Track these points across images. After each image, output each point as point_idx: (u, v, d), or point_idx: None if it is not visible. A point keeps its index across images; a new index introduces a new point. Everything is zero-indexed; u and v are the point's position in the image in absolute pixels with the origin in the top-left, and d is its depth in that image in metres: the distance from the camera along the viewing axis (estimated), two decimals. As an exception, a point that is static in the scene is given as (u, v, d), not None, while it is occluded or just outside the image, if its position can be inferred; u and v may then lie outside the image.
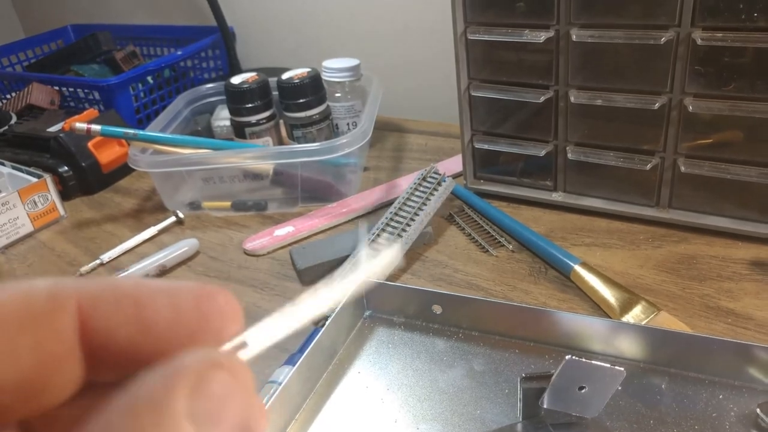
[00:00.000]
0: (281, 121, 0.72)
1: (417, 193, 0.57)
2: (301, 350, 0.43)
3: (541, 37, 0.51)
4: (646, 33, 0.47)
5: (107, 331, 0.11)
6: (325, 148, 0.59)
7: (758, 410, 0.35)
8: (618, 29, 0.48)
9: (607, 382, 0.34)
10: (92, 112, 0.76)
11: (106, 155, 0.73)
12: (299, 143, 0.68)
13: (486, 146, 0.60)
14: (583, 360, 0.33)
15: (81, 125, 0.63)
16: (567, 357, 0.33)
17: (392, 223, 0.54)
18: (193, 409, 0.10)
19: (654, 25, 0.47)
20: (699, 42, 0.45)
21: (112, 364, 0.11)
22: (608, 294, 0.45)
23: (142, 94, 0.86)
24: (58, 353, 0.10)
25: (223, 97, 0.72)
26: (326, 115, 0.70)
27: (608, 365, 0.33)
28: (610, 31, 0.49)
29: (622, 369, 0.34)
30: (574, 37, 0.50)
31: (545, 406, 0.35)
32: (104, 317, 0.11)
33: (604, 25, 0.49)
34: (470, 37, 0.54)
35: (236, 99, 0.68)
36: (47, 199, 0.67)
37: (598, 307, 0.46)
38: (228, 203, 0.65)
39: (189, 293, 0.12)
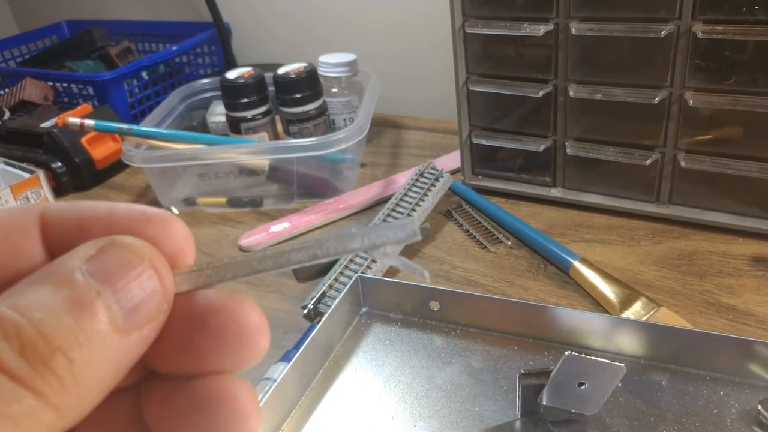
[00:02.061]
0: (277, 117, 0.72)
1: (414, 189, 0.56)
2: (297, 347, 0.42)
3: (540, 30, 0.51)
4: (647, 26, 0.47)
5: (58, 233, 0.14)
6: (321, 143, 0.59)
7: (759, 406, 0.35)
8: (618, 23, 0.48)
9: (607, 378, 0.34)
10: (86, 107, 0.76)
11: (100, 151, 0.73)
12: (295, 139, 0.68)
13: (484, 142, 0.59)
14: (583, 356, 0.33)
15: (74, 120, 0.62)
16: (566, 353, 0.33)
17: (389, 219, 0.53)
18: (86, 268, 0.12)
19: (654, 18, 0.47)
20: (699, 35, 0.45)
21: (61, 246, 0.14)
22: (608, 290, 0.45)
23: (136, 90, 0.85)
24: (23, 226, 0.14)
25: (219, 93, 0.72)
26: (323, 111, 0.69)
27: (608, 361, 0.33)
28: (609, 25, 0.48)
29: (623, 365, 0.33)
30: (573, 31, 0.49)
31: (544, 403, 0.35)
32: (58, 223, 0.14)
33: (603, 18, 0.48)
34: (468, 30, 0.54)
35: (232, 94, 0.67)
36: (40, 195, 0.66)
37: (597, 304, 0.45)
38: (223, 199, 0.64)
39: (129, 212, 0.14)
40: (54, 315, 0.11)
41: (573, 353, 0.33)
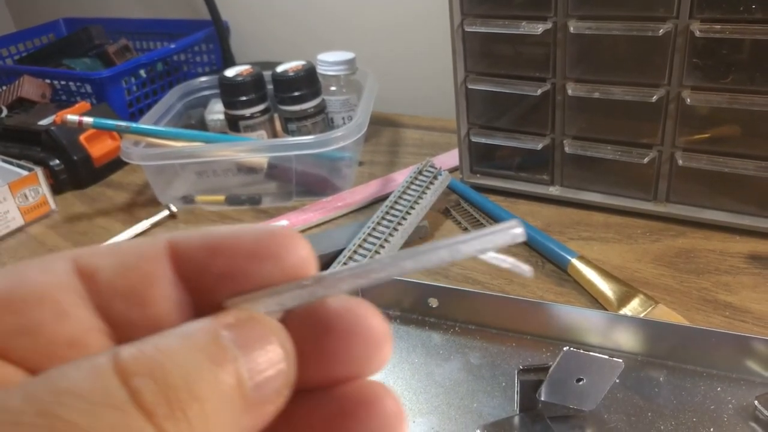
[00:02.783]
0: (276, 115, 0.72)
1: (413, 187, 0.56)
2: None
3: (539, 29, 0.51)
4: (644, 25, 0.47)
5: (188, 258, 0.14)
6: (319, 141, 0.59)
7: (756, 402, 0.35)
8: (616, 21, 0.48)
9: (605, 374, 0.34)
10: (84, 105, 0.76)
11: (98, 149, 0.72)
12: (294, 137, 0.68)
13: (482, 140, 0.59)
14: (581, 352, 0.33)
15: (73, 117, 0.62)
16: (565, 348, 0.33)
17: (387, 217, 0.54)
18: (226, 333, 0.13)
19: (652, 17, 0.47)
20: (697, 34, 0.45)
21: (198, 288, 0.14)
22: (606, 287, 0.45)
23: (134, 88, 0.85)
24: (155, 271, 0.14)
25: (217, 91, 0.72)
26: (321, 109, 0.70)
27: (606, 357, 0.33)
28: (608, 23, 0.48)
29: (620, 361, 0.33)
30: (571, 29, 0.50)
31: (543, 399, 0.35)
32: (186, 249, 0.15)
33: (602, 17, 0.49)
34: (467, 29, 0.54)
35: (230, 92, 0.67)
36: (38, 192, 0.66)
37: (595, 301, 0.45)
38: (222, 197, 0.64)
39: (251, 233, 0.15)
40: (198, 366, 0.12)
41: (571, 349, 0.33)
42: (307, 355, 0.14)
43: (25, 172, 0.66)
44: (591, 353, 0.33)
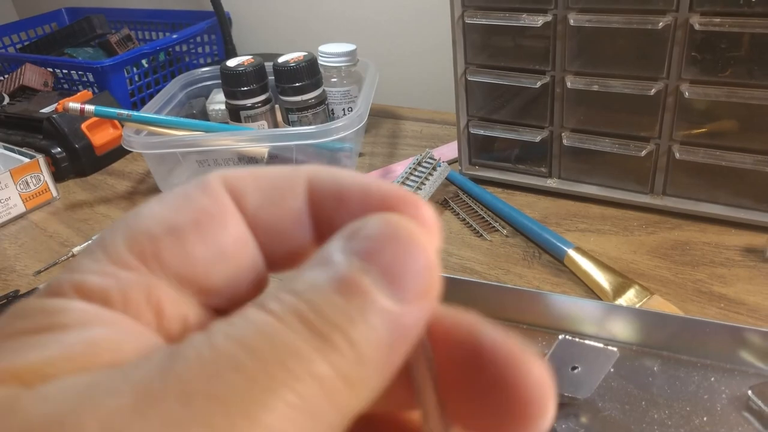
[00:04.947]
0: (277, 106, 0.72)
1: (412, 178, 0.56)
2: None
3: (539, 21, 0.51)
4: (644, 18, 0.47)
5: (320, 199, 0.15)
6: (320, 131, 0.59)
7: (750, 392, 0.35)
8: (616, 14, 0.48)
9: (600, 362, 0.34)
10: (86, 93, 0.76)
11: (100, 137, 0.73)
12: (294, 127, 0.68)
13: (482, 132, 0.59)
14: (576, 340, 0.33)
15: (75, 105, 0.62)
16: (560, 337, 0.33)
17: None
18: (349, 247, 0.12)
19: (652, 10, 0.47)
20: (696, 27, 0.45)
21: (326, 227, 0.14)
22: (601, 278, 0.45)
23: (136, 78, 0.85)
24: (296, 207, 0.15)
25: (219, 81, 0.72)
26: (322, 100, 0.70)
27: (601, 345, 0.33)
28: (608, 16, 0.48)
29: (615, 350, 0.34)
30: (571, 22, 0.50)
31: (537, 386, 0.35)
32: (320, 191, 0.15)
33: (602, 9, 0.49)
34: (467, 21, 0.54)
35: (232, 82, 0.68)
36: (40, 179, 0.66)
37: (591, 292, 0.46)
38: (222, 186, 0.65)
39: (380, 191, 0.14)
40: (325, 295, 0.11)
41: (567, 337, 0.33)
42: (450, 385, 0.13)
43: (27, 159, 0.66)
44: (586, 342, 0.33)
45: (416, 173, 0.57)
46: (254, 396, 0.10)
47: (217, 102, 0.75)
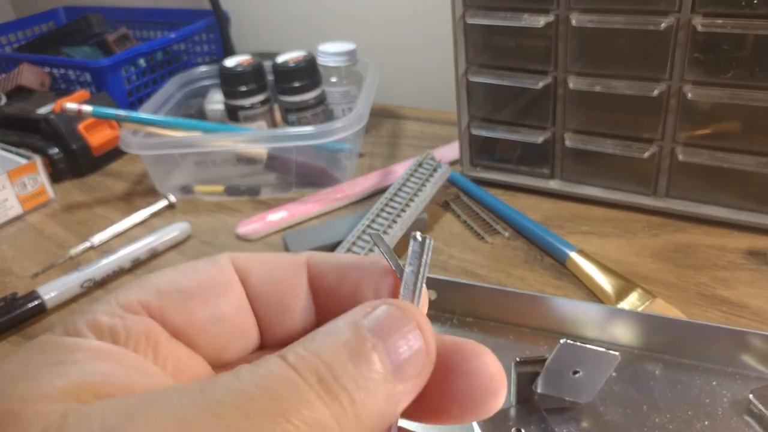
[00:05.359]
0: (276, 106, 0.71)
1: (412, 179, 0.56)
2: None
3: (541, 21, 0.50)
4: (646, 18, 0.47)
5: (321, 277, 0.17)
6: (319, 132, 0.59)
7: (751, 396, 0.35)
8: (618, 14, 0.48)
9: (602, 366, 0.34)
10: (83, 93, 0.75)
11: (97, 138, 0.72)
12: (294, 128, 0.68)
13: (483, 133, 0.59)
14: (578, 344, 0.33)
15: (72, 105, 0.62)
16: (562, 341, 0.33)
17: (387, 209, 0.54)
18: (364, 323, 0.14)
19: (654, 10, 0.47)
20: (699, 28, 0.45)
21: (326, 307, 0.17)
22: (604, 281, 0.45)
23: (134, 77, 0.85)
24: (297, 285, 0.17)
25: (217, 81, 0.72)
26: (321, 100, 0.69)
27: (603, 349, 0.33)
28: (610, 17, 0.48)
29: (617, 354, 0.33)
30: (574, 22, 0.49)
31: (539, 391, 0.35)
32: (320, 269, 0.17)
33: (604, 9, 0.48)
34: (469, 21, 0.54)
35: (230, 82, 0.67)
36: (37, 181, 0.66)
37: (593, 295, 0.45)
38: (221, 188, 0.64)
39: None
40: (340, 360, 0.13)
41: (568, 341, 0.33)
42: (429, 388, 0.15)
43: (24, 161, 0.66)
44: (588, 346, 0.33)
45: (417, 175, 0.56)
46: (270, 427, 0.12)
47: (216, 102, 0.74)
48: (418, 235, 0.17)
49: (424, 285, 0.16)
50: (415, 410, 0.15)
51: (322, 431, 0.12)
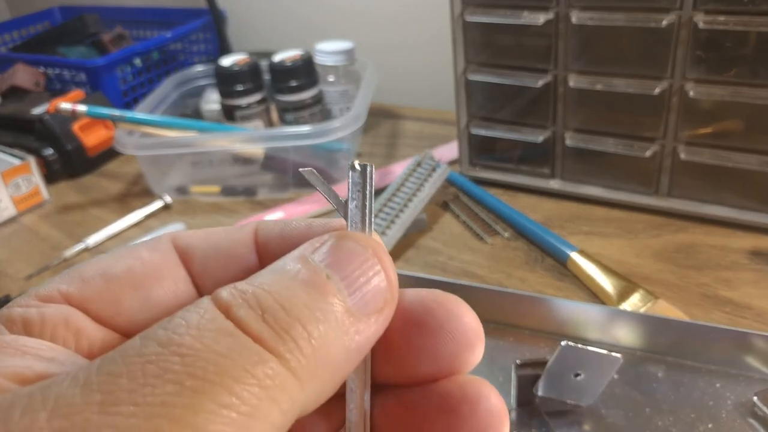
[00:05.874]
0: (272, 105, 0.71)
1: (411, 179, 0.56)
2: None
3: (540, 19, 0.50)
4: (647, 16, 0.46)
5: (267, 244, 0.16)
6: (317, 131, 0.58)
7: (755, 398, 0.35)
8: (619, 12, 0.47)
9: (604, 369, 0.34)
10: (78, 93, 0.75)
11: (92, 138, 0.72)
12: (291, 127, 0.67)
13: (482, 132, 0.58)
14: (579, 346, 0.33)
15: (66, 106, 0.61)
16: (563, 343, 0.32)
17: (385, 209, 0.53)
18: (315, 256, 0.13)
19: (655, 8, 0.46)
20: (701, 26, 0.45)
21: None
22: (605, 282, 0.44)
23: (129, 77, 0.84)
24: (243, 254, 0.16)
25: (213, 80, 0.71)
26: (318, 99, 0.69)
27: (604, 352, 0.33)
28: (610, 14, 0.48)
29: (619, 356, 0.33)
30: (574, 20, 0.49)
31: (540, 394, 0.34)
32: (267, 237, 0.16)
33: (604, 7, 0.48)
34: (468, 19, 0.53)
35: (226, 81, 0.66)
36: (31, 182, 0.65)
37: (594, 296, 0.45)
38: (217, 188, 0.64)
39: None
40: (290, 290, 0.12)
41: (569, 343, 0.32)
42: (395, 347, 0.14)
43: (17, 161, 0.65)
44: (589, 348, 0.33)
45: (415, 175, 0.56)
46: (185, 402, 0.10)
47: (212, 101, 0.74)
48: (356, 163, 0.15)
49: (373, 220, 0.15)
50: (384, 369, 0.14)
51: (274, 384, 0.11)
